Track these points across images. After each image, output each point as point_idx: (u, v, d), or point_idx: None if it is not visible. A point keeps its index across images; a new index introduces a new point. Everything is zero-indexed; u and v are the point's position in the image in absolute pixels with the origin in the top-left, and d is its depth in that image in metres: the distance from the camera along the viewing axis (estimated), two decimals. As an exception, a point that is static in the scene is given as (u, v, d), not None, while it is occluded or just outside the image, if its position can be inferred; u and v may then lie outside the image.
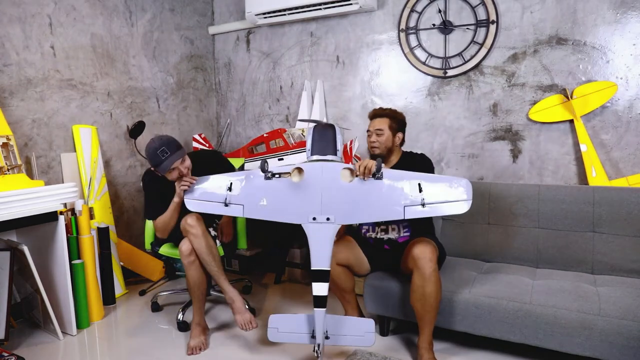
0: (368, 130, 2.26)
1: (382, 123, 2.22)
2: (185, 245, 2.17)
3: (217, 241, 2.36)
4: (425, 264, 1.91)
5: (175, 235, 2.32)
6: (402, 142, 2.29)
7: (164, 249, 2.45)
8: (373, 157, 2.22)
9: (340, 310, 2.37)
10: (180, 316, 2.45)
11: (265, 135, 2.96)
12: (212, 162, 2.47)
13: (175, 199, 2.18)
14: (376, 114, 2.27)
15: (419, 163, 2.21)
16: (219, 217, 2.48)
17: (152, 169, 2.20)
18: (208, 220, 2.32)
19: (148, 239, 2.47)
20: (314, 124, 2.02)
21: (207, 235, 2.19)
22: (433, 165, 2.24)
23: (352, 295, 2.31)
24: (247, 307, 2.20)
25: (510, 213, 2.38)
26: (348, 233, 2.32)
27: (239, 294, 2.18)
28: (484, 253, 2.41)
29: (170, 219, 2.24)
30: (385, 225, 2.23)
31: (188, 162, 2.17)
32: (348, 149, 2.82)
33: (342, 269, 2.21)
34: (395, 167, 2.22)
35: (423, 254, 1.93)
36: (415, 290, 1.96)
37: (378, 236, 2.24)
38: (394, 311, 2.18)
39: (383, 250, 2.24)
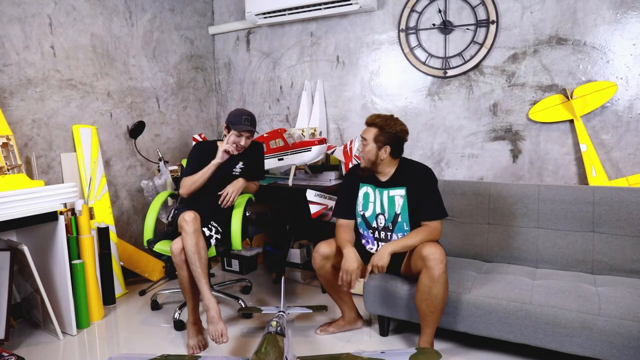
0: None
1: (369, 133, 2.08)
2: (176, 244, 2.18)
3: (212, 241, 2.33)
4: (436, 265, 1.89)
5: (174, 233, 2.33)
6: (398, 153, 2.11)
7: (159, 246, 2.41)
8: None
9: (337, 312, 2.36)
10: (177, 315, 2.45)
11: (265, 135, 2.96)
12: (257, 152, 2.63)
13: (215, 161, 2.38)
14: (367, 121, 2.12)
15: (417, 179, 2.08)
16: (216, 217, 2.41)
17: (225, 125, 2.46)
18: (204, 220, 2.29)
19: (146, 236, 2.45)
20: None
21: (200, 234, 2.18)
22: (435, 182, 2.10)
23: (349, 296, 2.31)
24: (221, 317, 2.09)
25: (510, 213, 2.38)
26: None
27: (217, 303, 2.11)
28: (484, 253, 2.41)
29: (200, 177, 2.40)
30: (389, 237, 2.13)
31: (247, 143, 2.46)
32: (348, 149, 2.81)
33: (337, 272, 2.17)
34: (391, 179, 2.12)
35: (434, 254, 1.90)
36: (422, 290, 1.94)
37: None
38: (394, 311, 2.17)
39: None
